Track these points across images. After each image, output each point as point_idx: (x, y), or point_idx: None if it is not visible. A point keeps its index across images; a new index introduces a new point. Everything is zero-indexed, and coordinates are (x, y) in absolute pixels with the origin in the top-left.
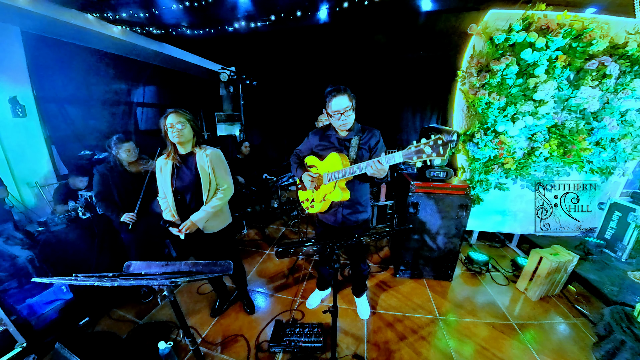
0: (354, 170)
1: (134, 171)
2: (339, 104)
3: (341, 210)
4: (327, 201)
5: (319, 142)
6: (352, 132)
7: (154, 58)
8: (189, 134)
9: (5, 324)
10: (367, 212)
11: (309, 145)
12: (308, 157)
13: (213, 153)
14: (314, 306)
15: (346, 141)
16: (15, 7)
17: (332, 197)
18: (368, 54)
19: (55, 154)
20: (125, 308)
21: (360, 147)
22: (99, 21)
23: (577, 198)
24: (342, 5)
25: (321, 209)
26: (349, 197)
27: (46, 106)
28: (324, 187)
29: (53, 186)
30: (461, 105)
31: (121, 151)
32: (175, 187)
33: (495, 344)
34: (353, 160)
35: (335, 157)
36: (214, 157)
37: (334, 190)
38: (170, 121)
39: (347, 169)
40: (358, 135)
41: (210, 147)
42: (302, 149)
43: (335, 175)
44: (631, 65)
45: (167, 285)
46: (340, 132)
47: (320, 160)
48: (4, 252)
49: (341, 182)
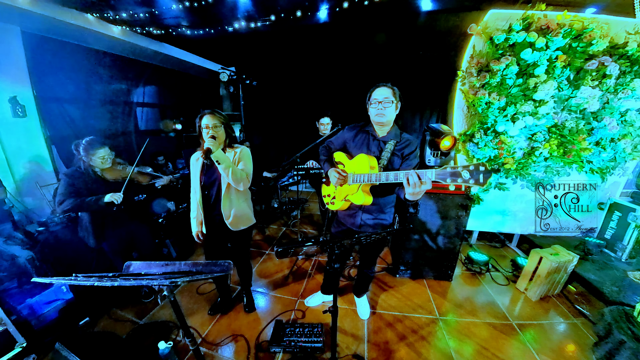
0: (380, 177)
1: (110, 179)
2: (379, 93)
3: (360, 214)
4: (347, 202)
5: (354, 137)
6: (389, 135)
7: (154, 58)
8: (222, 135)
9: (5, 324)
10: (388, 219)
11: (343, 139)
12: (337, 153)
13: (243, 149)
14: (314, 305)
15: (382, 142)
16: (15, 7)
17: (354, 199)
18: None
19: (55, 154)
20: (125, 308)
21: (394, 153)
22: (99, 21)
23: (577, 198)
24: (342, 5)
25: (341, 208)
26: (371, 202)
27: (46, 106)
28: (347, 187)
29: (53, 186)
30: (461, 105)
31: (94, 158)
32: (203, 182)
33: (495, 344)
34: (383, 166)
35: (364, 159)
36: (243, 152)
37: (357, 192)
38: (206, 122)
39: (374, 174)
40: (395, 140)
41: (241, 146)
42: (334, 142)
43: (360, 178)
44: (631, 65)
45: (167, 285)
46: (377, 130)
47: (348, 159)
48: (4, 252)
49: (365, 186)
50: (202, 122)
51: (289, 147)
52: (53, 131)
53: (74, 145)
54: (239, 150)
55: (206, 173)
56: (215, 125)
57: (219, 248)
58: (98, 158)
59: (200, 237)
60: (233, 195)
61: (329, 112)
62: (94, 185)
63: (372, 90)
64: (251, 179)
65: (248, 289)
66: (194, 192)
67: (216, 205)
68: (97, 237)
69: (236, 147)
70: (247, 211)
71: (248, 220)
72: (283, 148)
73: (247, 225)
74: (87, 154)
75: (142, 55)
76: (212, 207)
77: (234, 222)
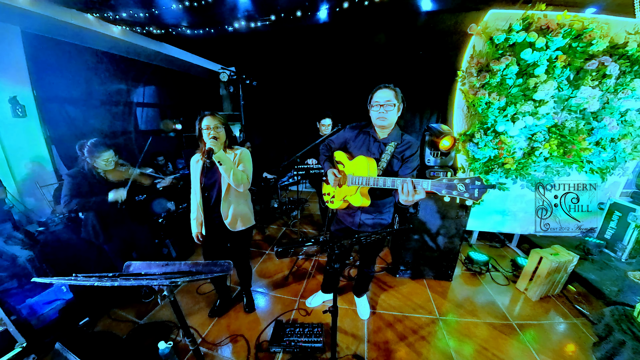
0: (378, 182)
1: (113, 180)
2: (381, 96)
3: (359, 214)
4: (346, 202)
5: (355, 138)
6: (390, 137)
7: (154, 58)
8: (223, 136)
9: (5, 324)
10: (387, 219)
11: (343, 138)
12: (337, 152)
13: (243, 150)
14: (315, 305)
15: (383, 144)
16: (15, 7)
17: (352, 200)
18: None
19: (55, 154)
20: (125, 308)
21: (394, 156)
22: (99, 21)
23: (577, 198)
24: (342, 6)
25: (340, 207)
26: (369, 204)
27: (46, 106)
28: (346, 188)
29: (53, 186)
30: (461, 105)
31: (99, 160)
32: (203, 184)
33: (495, 344)
34: (383, 168)
35: (363, 162)
36: (243, 153)
37: (355, 194)
38: (207, 123)
39: (372, 178)
40: (395, 142)
41: (241, 148)
42: (334, 140)
43: (359, 181)
44: (631, 65)
45: (167, 285)
46: (379, 131)
47: (348, 160)
48: (4, 252)
49: (364, 188)
50: (202, 124)
51: (289, 147)
52: (53, 131)
53: (78, 145)
54: (239, 152)
55: (206, 174)
56: (217, 126)
57: (218, 249)
58: (102, 160)
59: (200, 238)
60: (233, 196)
61: (330, 112)
62: (96, 186)
63: (373, 92)
64: (251, 181)
65: (248, 289)
66: (194, 193)
67: (216, 206)
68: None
69: (236, 149)
70: (247, 212)
71: (248, 221)
72: (283, 148)
73: (247, 226)
74: (91, 156)
75: (142, 55)
76: (212, 208)
77: (233, 222)
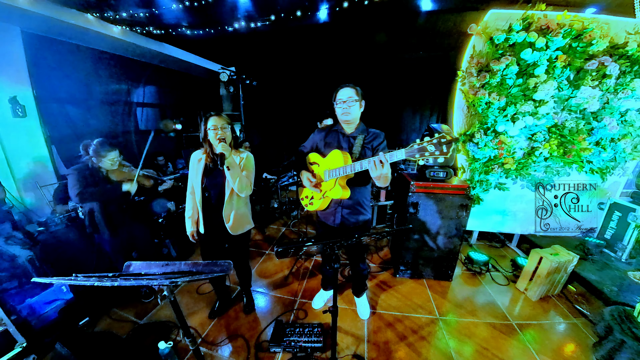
0: (354, 167)
1: (115, 180)
2: (344, 94)
3: (340, 210)
4: (326, 199)
5: (325, 138)
6: (357, 131)
7: (154, 58)
8: (229, 137)
9: (5, 324)
10: (367, 213)
11: (314, 141)
12: (311, 154)
13: (247, 155)
14: (319, 307)
15: (351, 138)
16: (15, 7)
17: (332, 194)
18: (368, 54)
19: (55, 154)
20: (125, 308)
21: (364, 147)
22: (99, 21)
23: (577, 198)
24: (342, 5)
25: (320, 207)
26: (349, 195)
27: (46, 106)
28: (324, 184)
29: (53, 186)
30: (461, 105)
31: (105, 160)
32: (205, 184)
33: (495, 344)
34: (356, 158)
35: (338, 155)
36: (247, 159)
37: (334, 187)
38: (214, 123)
39: (349, 166)
40: (363, 135)
41: (245, 152)
42: (306, 145)
43: (336, 173)
44: (631, 65)
45: (167, 285)
46: (345, 128)
47: (322, 158)
48: (4, 252)
49: (342, 179)
50: (208, 124)
51: (289, 147)
52: (53, 131)
53: (82, 145)
54: (245, 157)
55: (209, 175)
56: (224, 126)
57: (217, 249)
58: (108, 160)
59: (195, 237)
60: (235, 199)
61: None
62: (99, 183)
63: (336, 90)
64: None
65: (248, 289)
66: (192, 191)
67: (218, 208)
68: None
69: (241, 152)
70: (247, 215)
71: (247, 224)
72: (283, 148)
73: (246, 228)
74: (97, 156)
75: (142, 55)
76: (212, 209)
77: (234, 226)
